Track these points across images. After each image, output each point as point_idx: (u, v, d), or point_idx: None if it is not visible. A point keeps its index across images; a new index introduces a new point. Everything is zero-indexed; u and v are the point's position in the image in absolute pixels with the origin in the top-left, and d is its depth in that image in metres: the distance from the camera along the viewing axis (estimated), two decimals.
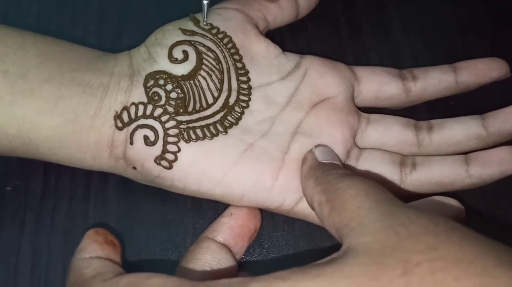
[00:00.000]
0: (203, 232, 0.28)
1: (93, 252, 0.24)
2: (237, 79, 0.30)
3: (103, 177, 0.31)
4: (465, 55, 0.33)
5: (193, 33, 0.30)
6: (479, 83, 0.32)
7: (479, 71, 0.32)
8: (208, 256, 0.26)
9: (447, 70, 0.32)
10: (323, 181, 0.25)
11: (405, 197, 0.29)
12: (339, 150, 0.29)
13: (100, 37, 0.36)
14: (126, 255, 0.30)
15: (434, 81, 0.32)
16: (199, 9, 0.31)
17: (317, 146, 0.29)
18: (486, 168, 0.29)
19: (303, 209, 0.28)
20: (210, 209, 0.31)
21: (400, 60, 0.35)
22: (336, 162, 0.27)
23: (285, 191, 0.28)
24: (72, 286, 0.23)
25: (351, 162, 0.30)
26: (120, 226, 0.31)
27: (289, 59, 0.32)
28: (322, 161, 0.27)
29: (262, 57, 0.31)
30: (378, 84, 0.32)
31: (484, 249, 0.19)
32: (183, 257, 0.26)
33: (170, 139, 0.28)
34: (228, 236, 0.28)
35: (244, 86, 0.30)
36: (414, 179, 0.30)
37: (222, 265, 0.26)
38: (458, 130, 0.31)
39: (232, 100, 0.29)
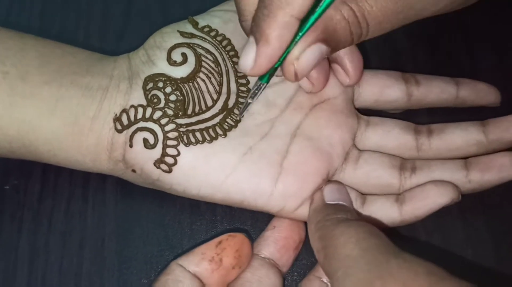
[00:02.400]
0: None
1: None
2: (236, 82, 0.30)
3: (102, 177, 0.31)
4: (465, 58, 0.33)
5: (192, 35, 0.30)
6: (474, 103, 0.32)
7: (478, 92, 0.32)
8: (248, 274, 0.26)
9: (450, 82, 0.32)
10: (321, 226, 0.25)
11: None
12: (337, 151, 0.29)
13: (103, 39, 0.36)
14: (123, 255, 0.30)
15: (436, 90, 0.32)
16: (201, 10, 0.31)
17: (328, 183, 0.29)
18: (486, 174, 0.29)
19: (304, 213, 0.28)
20: (207, 210, 0.31)
21: (401, 64, 0.35)
22: (342, 203, 0.27)
23: (285, 197, 0.28)
24: None
25: (350, 164, 0.30)
26: (118, 226, 0.31)
27: None
28: (328, 202, 0.27)
29: None
30: (380, 87, 0.32)
31: None
32: None
33: (169, 142, 0.28)
34: (273, 249, 0.28)
35: (244, 89, 0.30)
36: (414, 183, 0.29)
37: (263, 282, 0.26)
38: (458, 136, 0.31)
39: (231, 103, 0.29)
